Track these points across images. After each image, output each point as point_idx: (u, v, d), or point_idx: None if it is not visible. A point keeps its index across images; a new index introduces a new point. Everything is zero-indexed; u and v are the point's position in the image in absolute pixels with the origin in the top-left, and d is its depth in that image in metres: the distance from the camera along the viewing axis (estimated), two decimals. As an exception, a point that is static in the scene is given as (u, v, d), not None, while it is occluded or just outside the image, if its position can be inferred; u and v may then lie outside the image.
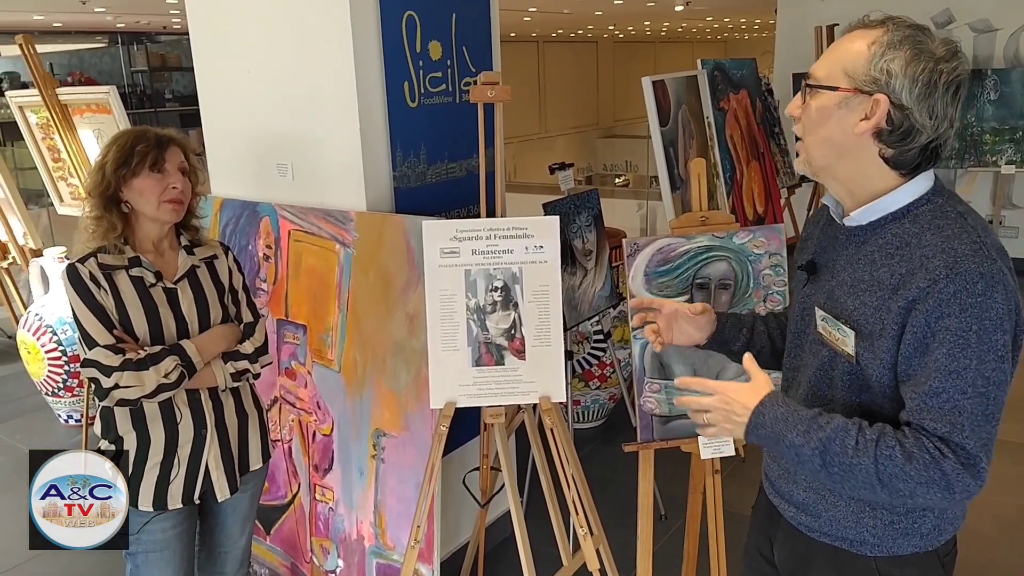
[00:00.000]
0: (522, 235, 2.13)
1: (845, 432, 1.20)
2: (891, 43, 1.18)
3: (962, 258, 1.16)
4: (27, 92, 3.80)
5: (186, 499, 1.96)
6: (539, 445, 2.36)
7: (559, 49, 16.97)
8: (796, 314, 1.44)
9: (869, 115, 1.19)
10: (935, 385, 1.16)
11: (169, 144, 1.91)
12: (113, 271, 1.87)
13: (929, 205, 1.24)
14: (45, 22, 9.78)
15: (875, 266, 1.24)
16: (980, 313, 1.14)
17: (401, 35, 2.52)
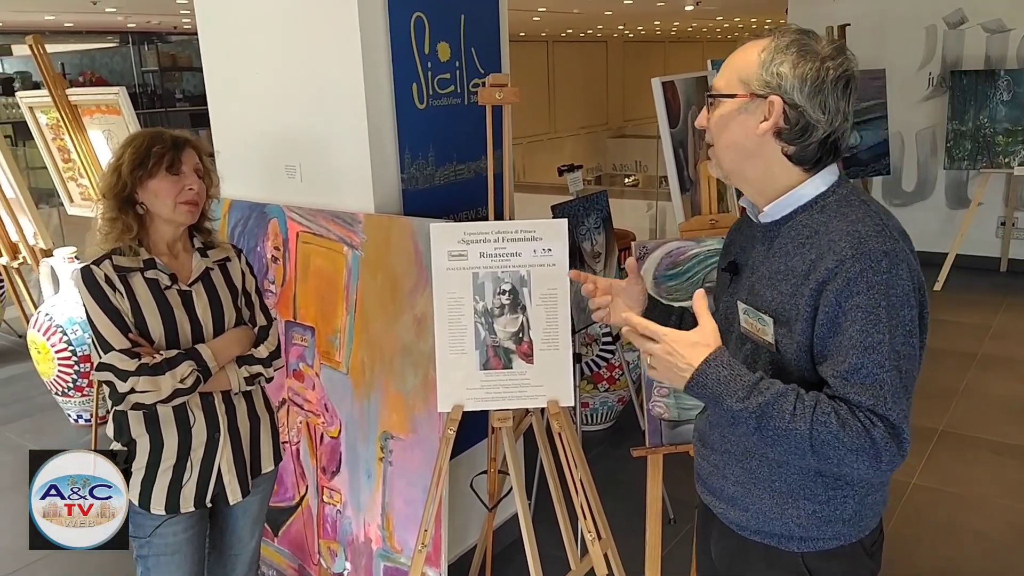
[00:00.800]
0: (530, 238, 2.12)
1: (784, 398, 1.23)
2: (778, 48, 1.26)
3: (866, 239, 1.22)
4: (37, 92, 3.81)
5: (198, 502, 1.96)
6: (547, 449, 2.34)
7: (569, 49, 16.94)
8: (720, 314, 1.47)
9: (767, 116, 1.28)
10: (854, 362, 1.21)
11: (185, 146, 1.91)
12: (128, 273, 1.86)
13: (834, 196, 1.31)
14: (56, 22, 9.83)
15: (788, 256, 1.31)
16: (887, 290, 1.21)
17: (410, 36, 2.51)
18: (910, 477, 3.56)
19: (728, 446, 1.43)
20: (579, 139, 17.34)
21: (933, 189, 6.92)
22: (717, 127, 1.34)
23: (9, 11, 8.28)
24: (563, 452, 2.18)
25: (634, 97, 17.70)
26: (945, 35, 6.64)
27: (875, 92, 6.45)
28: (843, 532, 1.37)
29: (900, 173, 6.95)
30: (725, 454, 1.44)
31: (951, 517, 3.27)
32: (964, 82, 6.18)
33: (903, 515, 3.28)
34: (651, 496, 2.31)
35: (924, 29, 6.70)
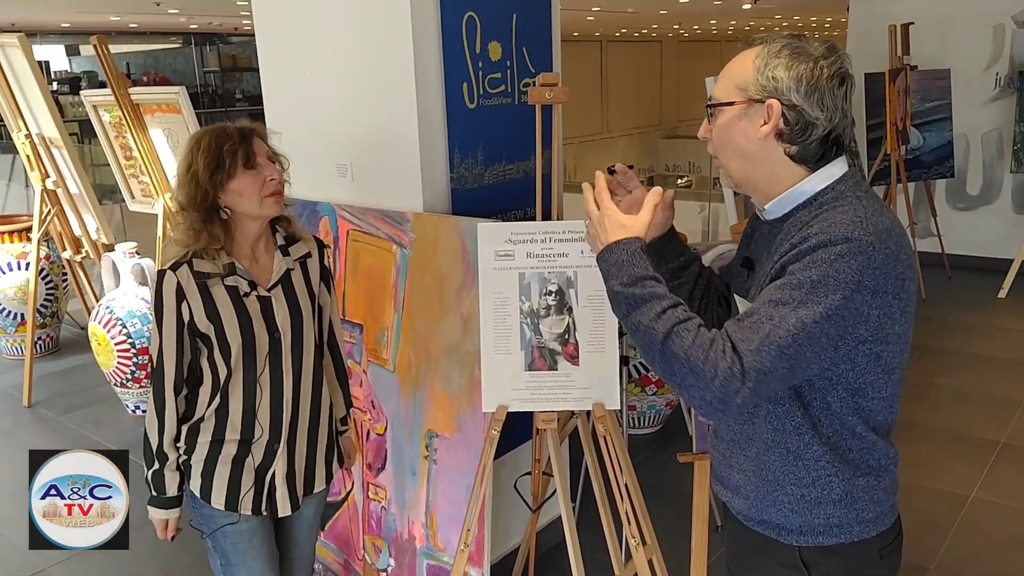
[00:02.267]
0: (578, 238, 2.10)
1: (658, 300, 1.28)
2: (771, 53, 1.30)
3: (837, 224, 1.25)
4: (101, 91, 3.93)
5: (255, 508, 1.93)
6: (592, 452, 2.32)
7: (622, 49, 16.83)
8: (735, 309, 1.51)
9: (767, 120, 1.31)
10: (755, 308, 1.25)
11: (252, 135, 1.83)
12: (208, 279, 1.80)
13: (832, 192, 1.33)
14: (122, 23, 10.12)
15: (782, 251, 1.32)
16: (827, 268, 1.21)
17: (461, 36, 2.51)
18: (969, 490, 3.44)
19: (733, 435, 1.45)
20: (631, 139, 17.22)
21: (999, 193, 6.69)
22: (720, 136, 1.37)
23: (76, 12, 8.55)
24: (608, 456, 2.16)
25: (688, 97, 17.51)
26: (1014, 34, 6.41)
27: (939, 92, 6.27)
28: (837, 516, 1.37)
29: (964, 176, 6.73)
30: (731, 443, 1.46)
31: (1012, 532, 3.16)
32: (1033, 82, 5.97)
33: (961, 529, 3.18)
34: (697, 502, 2.27)
35: (991, 28, 6.48)
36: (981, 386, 4.51)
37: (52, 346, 5.45)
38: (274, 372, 1.89)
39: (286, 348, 1.89)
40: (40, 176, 4.42)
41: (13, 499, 3.57)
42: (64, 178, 4.37)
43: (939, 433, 3.95)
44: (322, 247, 2.04)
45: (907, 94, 5.95)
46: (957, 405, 4.28)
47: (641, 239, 1.36)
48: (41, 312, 5.17)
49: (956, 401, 4.32)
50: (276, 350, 1.88)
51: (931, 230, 6.38)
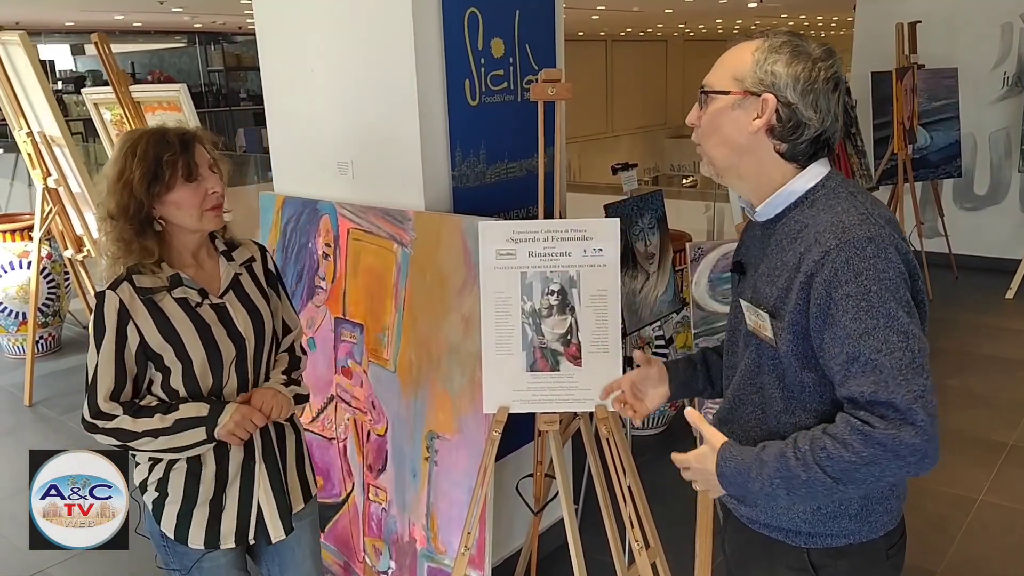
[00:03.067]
0: (580, 237, 2.07)
1: (784, 457, 1.26)
2: (772, 48, 1.30)
3: (849, 227, 1.24)
4: (102, 89, 3.90)
5: (239, 538, 1.81)
6: (595, 454, 2.29)
7: (628, 48, 16.81)
8: (730, 313, 1.51)
9: (760, 114, 1.30)
10: (851, 351, 1.21)
11: (192, 143, 1.69)
12: (154, 294, 1.67)
13: (823, 190, 1.33)
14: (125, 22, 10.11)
15: (783, 252, 1.33)
16: (876, 275, 1.21)
17: (463, 33, 2.48)
18: (977, 493, 3.40)
19: (741, 443, 1.42)
20: (637, 139, 17.19)
21: (1007, 193, 6.64)
22: (709, 124, 1.36)
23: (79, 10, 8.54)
24: (611, 458, 2.13)
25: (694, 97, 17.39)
26: (1022, 33, 6.36)
27: (946, 91, 6.21)
28: (851, 528, 1.37)
29: (972, 176, 6.68)
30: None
31: (1020, 535, 3.11)
32: (1042, 81, 5.91)
33: (968, 533, 3.14)
34: (701, 505, 2.24)
35: (999, 27, 6.43)
36: (989, 387, 4.47)
37: (54, 345, 5.43)
38: (241, 381, 1.80)
39: (251, 354, 1.80)
40: (42, 174, 4.40)
41: (14, 499, 3.55)
42: (66, 176, 4.35)
43: (947, 435, 3.89)
44: (264, 251, 1.93)
45: (914, 93, 5.90)
46: (965, 407, 4.23)
47: (726, 443, 1.35)
48: (43, 311, 5.15)
49: (964, 403, 4.28)
50: (241, 357, 1.78)
51: (938, 230, 6.33)
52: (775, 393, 1.36)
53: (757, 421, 1.40)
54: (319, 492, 2.83)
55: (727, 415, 1.47)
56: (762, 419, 1.39)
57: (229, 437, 1.71)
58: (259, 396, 1.78)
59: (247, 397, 1.78)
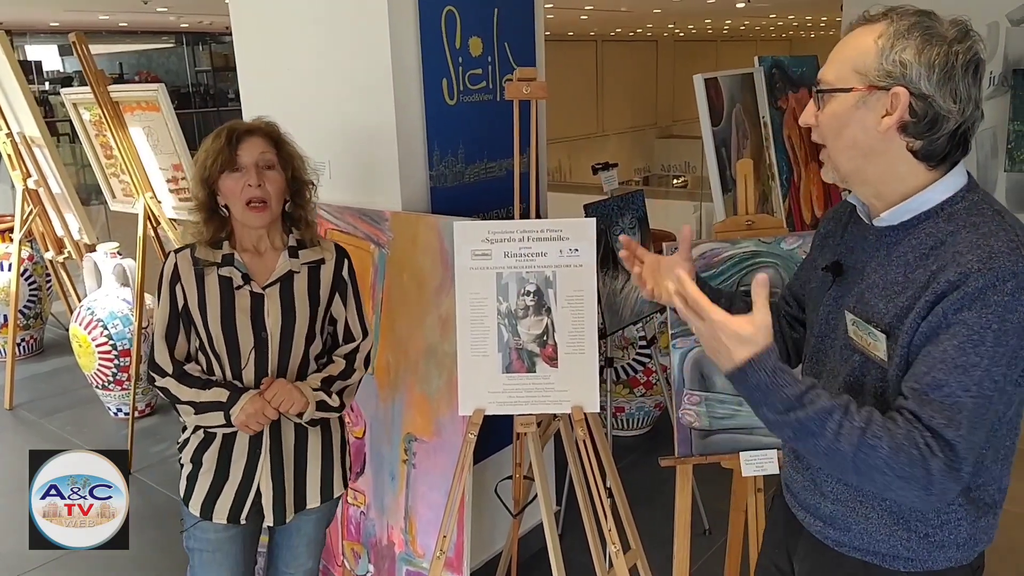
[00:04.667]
0: (556, 237, 2.05)
1: (828, 416, 1.13)
2: (899, 33, 1.14)
3: (996, 255, 1.10)
4: (80, 89, 3.86)
5: (232, 516, 1.88)
6: (575, 456, 2.27)
7: (618, 48, 16.82)
8: (821, 318, 1.36)
9: (890, 110, 1.15)
10: (939, 377, 1.10)
11: (244, 137, 1.78)
12: (205, 267, 1.82)
13: (964, 203, 1.18)
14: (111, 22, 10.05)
15: (909, 267, 1.19)
16: (1004, 313, 1.08)
17: (440, 31, 2.46)
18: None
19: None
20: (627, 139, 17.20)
21: (993, 192, 6.64)
22: (831, 126, 1.20)
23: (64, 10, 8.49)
24: (587, 462, 2.10)
25: (684, 97, 17.48)
26: (1008, 32, 6.37)
27: (932, 91, 6.22)
28: (956, 556, 1.27)
29: (958, 175, 6.69)
30: (822, 471, 1.33)
31: (1004, 536, 3.08)
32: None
33: (992, 546, 3.12)
34: (679, 507, 2.22)
35: (986, 26, 6.42)
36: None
37: (36, 348, 5.38)
38: (259, 372, 1.85)
39: (273, 350, 1.84)
40: (21, 176, 4.36)
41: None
42: (46, 177, 4.31)
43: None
44: (343, 257, 1.97)
45: (900, 92, 5.90)
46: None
47: (770, 346, 1.15)
48: (24, 313, 5.11)
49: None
50: (262, 350, 1.83)
51: (925, 229, 6.33)
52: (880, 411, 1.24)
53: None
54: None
55: None
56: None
57: (243, 427, 1.81)
58: (274, 389, 1.82)
59: (266, 386, 1.83)
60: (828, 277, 1.34)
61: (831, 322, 1.33)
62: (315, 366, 1.93)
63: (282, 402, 1.80)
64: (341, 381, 1.93)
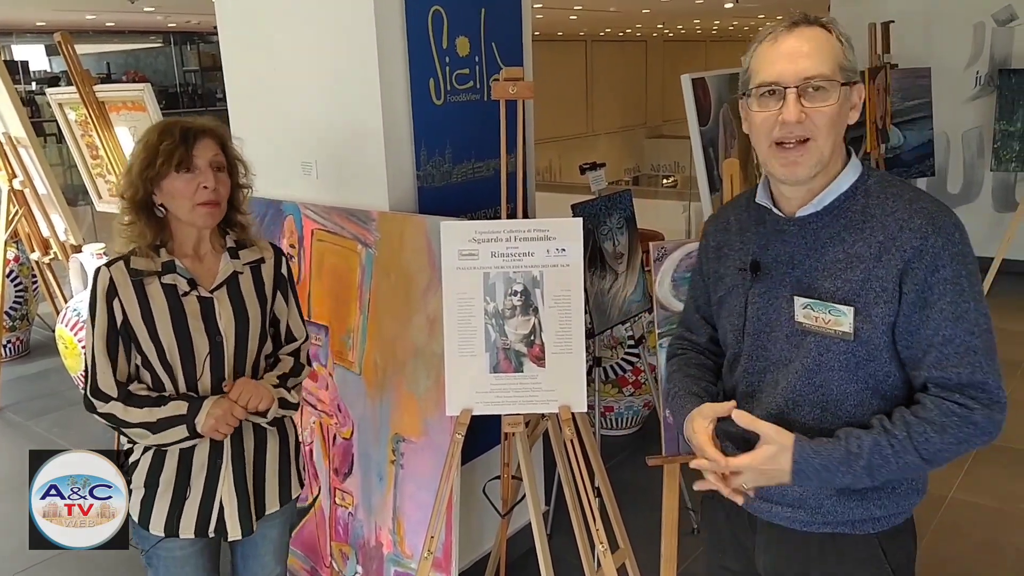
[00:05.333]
0: (543, 237, 2.05)
1: (879, 447, 1.26)
2: (845, 35, 1.30)
3: (935, 214, 1.26)
4: (66, 89, 3.84)
5: (199, 530, 1.82)
6: (563, 456, 2.27)
7: (608, 48, 16.83)
8: (751, 315, 1.42)
9: (856, 103, 1.31)
10: (947, 333, 1.25)
11: (199, 136, 1.72)
12: (145, 277, 1.74)
13: (872, 179, 1.33)
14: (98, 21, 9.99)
15: (846, 244, 1.30)
16: (963, 260, 1.26)
17: (427, 31, 2.45)
18: (947, 490, 3.41)
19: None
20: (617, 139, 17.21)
21: (979, 191, 6.69)
22: (830, 119, 1.28)
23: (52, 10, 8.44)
24: (574, 462, 2.10)
25: (673, 97, 17.48)
26: (994, 32, 6.41)
27: (920, 91, 6.25)
28: (914, 501, 1.39)
29: (945, 175, 6.73)
30: None
31: (992, 534, 3.12)
32: (1013, 81, 5.96)
33: (939, 530, 3.14)
34: (667, 506, 2.22)
35: (972, 26, 6.48)
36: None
37: (22, 349, 5.35)
38: (215, 378, 1.79)
39: (228, 353, 1.80)
40: (7, 176, 4.33)
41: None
42: (31, 178, 4.28)
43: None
44: (280, 255, 1.93)
45: (887, 92, 5.93)
46: (937, 404, 4.24)
47: (797, 438, 1.29)
48: (10, 315, 5.07)
49: (936, 400, 4.29)
50: (217, 355, 1.78)
51: (912, 229, 6.36)
52: (845, 388, 1.32)
53: (816, 420, 1.35)
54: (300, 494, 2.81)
55: (774, 422, 1.34)
56: (821, 417, 1.34)
57: (213, 432, 1.74)
58: (238, 388, 1.78)
59: (229, 387, 1.78)
60: (747, 277, 1.42)
61: (765, 316, 1.39)
62: (266, 366, 1.91)
63: (250, 399, 1.76)
64: (294, 378, 1.91)
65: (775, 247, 1.38)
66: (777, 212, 1.38)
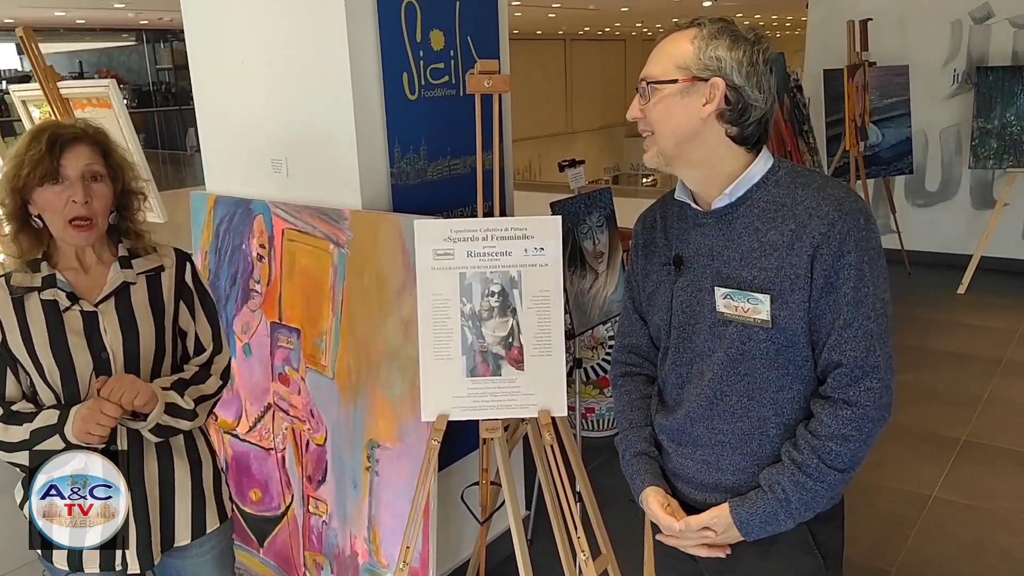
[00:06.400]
0: (521, 236, 1.98)
1: (799, 484, 1.33)
2: (711, 35, 1.31)
3: (842, 200, 1.31)
4: (28, 86, 3.72)
5: (105, 565, 1.67)
6: (543, 460, 2.21)
7: (586, 47, 16.82)
8: (677, 308, 1.45)
9: (709, 99, 1.31)
10: (847, 318, 1.30)
11: (68, 144, 1.55)
12: (25, 294, 1.59)
13: (782, 171, 1.37)
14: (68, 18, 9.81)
15: (760, 233, 1.34)
16: (867, 245, 1.30)
17: (400, 24, 2.38)
18: (931, 489, 3.39)
19: (721, 436, 1.42)
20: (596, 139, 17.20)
21: (957, 189, 6.70)
22: (660, 114, 1.35)
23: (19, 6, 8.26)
24: (555, 465, 2.04)
25: (653, 96, 17.51)
26: (971, 30, 6.43)
27: (898, 89, 6.26)
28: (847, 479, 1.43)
29: (923, 172, 6.73)
30: (718, 445, 1.43)
31: (975, 533, 3.10)
32: (990, 78, 5.97)
33: (923, 530, 3.11)
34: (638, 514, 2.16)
35: (949, 24, 6.49)
36: (942, 383, 4.48)
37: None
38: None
39: (117, 370, 1.63)
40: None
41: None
42: (-5, 178, 4.16)
43: (900, 431, 3.90)
44: (185, 262, 1.77)
45: (866, 90, 5.92)
46: (918, 402, 4.23)
47: (733, 509, 1.38)
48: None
49: (917, 398, 4.28)
50: (104, 371, 1.62)
51: (890, 227, 6.37)
52: (768, 374, 1.36)
53: (743, 409, 1.39)
54: (257, 506, 2.72)
55: (703, 412, 1.42)
56: (748, 405, 1.39)
57: (85, 437, 1.57)
58: (110, 384, 1.57)
59: (99, 384, 1.58)
60: (671, 271, 1.46)
61: (689, 308, 1.43)
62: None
63: (123, 394, 1.56)
64: (195, 386, 1.72)
65: (695, 240, 1.43)
66: (696, 206, 1.43)
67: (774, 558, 1.42)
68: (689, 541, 1.43)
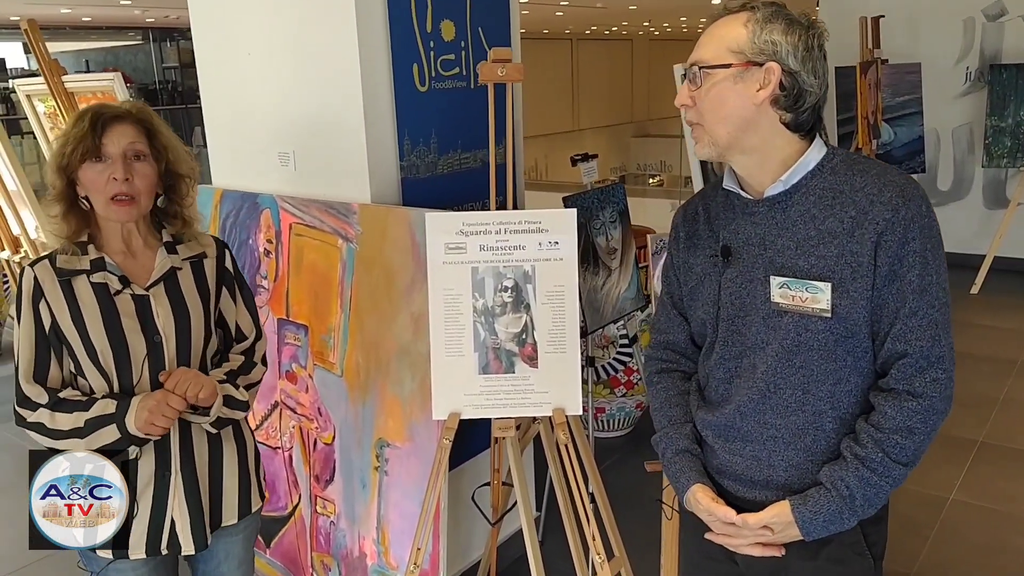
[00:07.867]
0: (536, 230, 1.93)
1: (864, 480, 1.30)
2: (765, 19, 1.28)
3: (904, 187, 1.28)
4: (33, 80, 3.69)
5: (150, 549, 1.68)
6: (556, 460, 2.16)
7: (593, 47, 16.76)
8: (725, 301, 1.41)
9: (764, 84, 1.28)
10: (912, 306, 1.27)
11: (112, 122, 1.57)
12: (73, 276, 1.59)
13: (837, 158, 1.34)
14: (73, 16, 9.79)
15: (817, 220, 1.31)
16: (930, 232, 1.28)
17: (410, 14, 2.33)
18: (947, 492, 3.32)
19: (774, 432, 1.37)
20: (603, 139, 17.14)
21: (970, 188, 6.63)
22: (712, 100, 1.31)
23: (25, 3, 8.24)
24: (568, 465, 1.99)
25: (659, 96, 17.51)
26: (984, 27, 6.36)
27: (910, 87, 6.19)
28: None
29: (935, 171, 6.67)
30: (770, 441, 1.38)
31: (992, 535, 3.04)
32: (1004, 76, 5.90)
33: (940, 533, 3.05)
34: (667, 514, 2.11)
35: (962, 22, 6.42)
36: (957, 384, 4.39)
37: (-7, 351, 5.18)
38: (154, 382, 1.64)
39: (169, 355, 1.65)
40: (-26, 172, 4.17)
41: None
42: (0, 174, 4.13)
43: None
44: (224, 249, 1.80)
45: (878, 88, 5.85)
46: (933, 403, 4.16)
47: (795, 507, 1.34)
48: (-20, 316, 4.90)
49: (932, 399, 4.21)
50: (157, 356, 1.64)
51: (903, 226, 6.29)
52: (825, 366, 1.32)
53: (798, 402, 1.35)
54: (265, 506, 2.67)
55: (755, 407, 1.38)
56: (803, 399, 1.35)
57: (149, 428, 1.58)
58: (175, 376, 1.61)
59: (165, 376, 1.62)
60: (718, 263, 1.42)
61: (739, 300, 1.39)
62: (212, 367, 1.76)
63: (188, 387, 1.59)
64: (244, 376, 1.76)
65: (745, 229, 1.39)
66: (745, 195, 1.38)
67: (824, 559, 1.38)
68: (742, 540, 1.38)
